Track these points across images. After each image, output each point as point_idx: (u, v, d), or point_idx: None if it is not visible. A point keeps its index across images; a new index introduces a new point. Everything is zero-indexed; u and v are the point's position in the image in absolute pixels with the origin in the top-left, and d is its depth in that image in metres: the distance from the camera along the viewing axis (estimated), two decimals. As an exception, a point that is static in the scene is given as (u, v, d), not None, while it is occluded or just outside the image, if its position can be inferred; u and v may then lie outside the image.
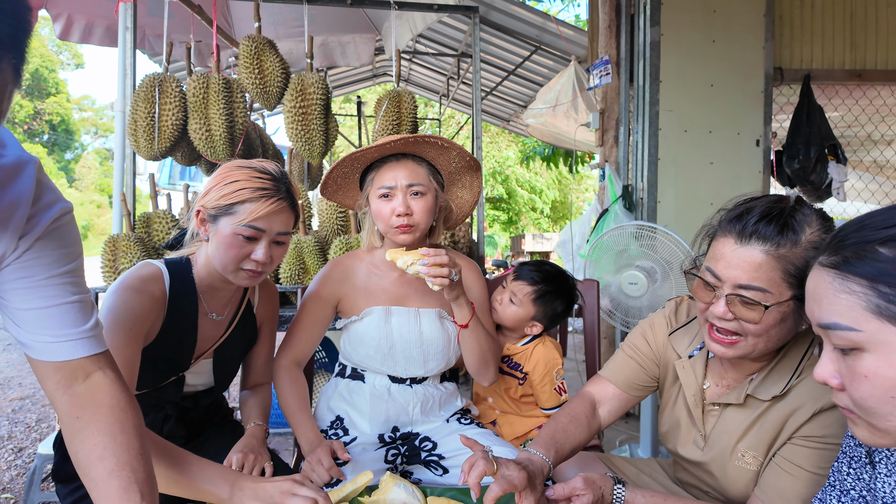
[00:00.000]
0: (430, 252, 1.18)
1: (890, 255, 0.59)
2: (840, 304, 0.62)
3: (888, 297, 0.58)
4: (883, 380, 0.59)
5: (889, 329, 0.58)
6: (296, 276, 2.09)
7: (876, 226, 0.62)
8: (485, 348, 1.36)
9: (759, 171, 3.34)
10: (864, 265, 0.61)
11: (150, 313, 1.16)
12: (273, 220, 1.18)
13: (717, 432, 1.07)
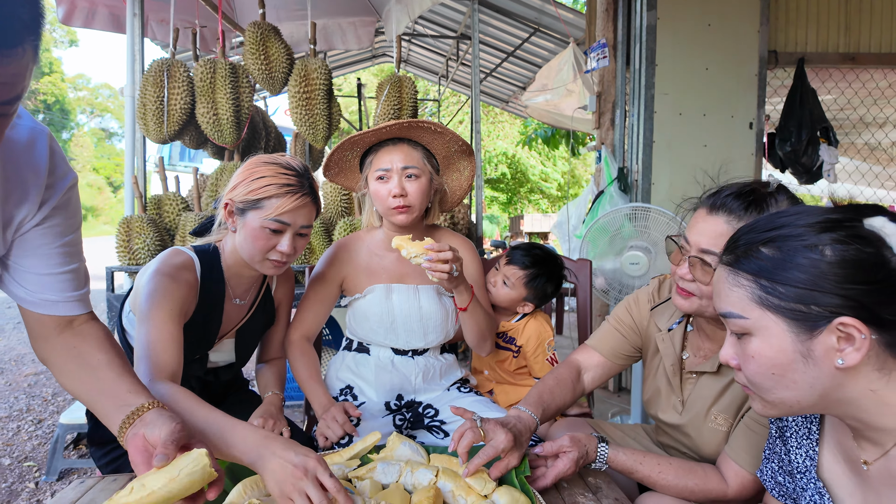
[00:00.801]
0: (434, 247, 1.24)
1: (769, 255, 0.69)
2: (732, 295, 0.72)
3: (767, 290, 0.68)
4: (765, 359, 0.69)
5: (769, 316, 0.68)
6: (303, 255, 2.19)
7: (760, 229, 0.71)
8: (483, 326, 1.46)
9: (752, 153, 3.41)
10: (750, 262, 0.70)
11: (187, 298, 1.24)
12: (297, 215, 1.26)
13: (694, 398, 1.18)
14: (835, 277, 0.64)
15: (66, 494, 1.09)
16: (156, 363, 1.11)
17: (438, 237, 1.60)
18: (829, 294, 0.64)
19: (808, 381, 0.68)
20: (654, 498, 1.08)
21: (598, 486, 1.07)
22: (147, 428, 0.83)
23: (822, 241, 0.66)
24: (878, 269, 0.64)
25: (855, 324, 0.63)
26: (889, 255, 0.65)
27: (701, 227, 1.05)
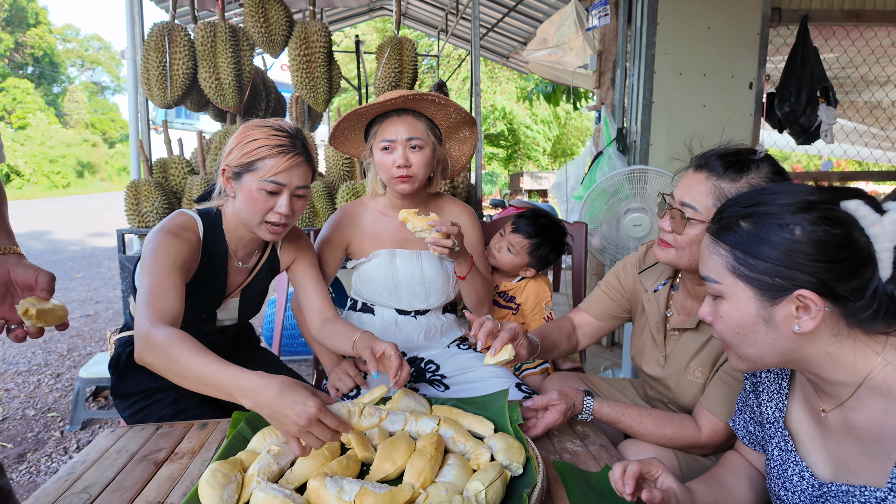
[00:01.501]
0: (437, 223, 1.30)
1: (746, 229, 0.76)
2: (712, 262, 0.80)
3: (740, 260, 0.76)
4: (731, 320, 0.78)
5: (738, 284, 0.76)
6: (307, 219, 2.25)
7: (742, 204, 0.78)
8: (481, 292, 1.55)
9: (751, 113, 3.43)
10: (729, 235, 0.77)
11: (188, 255, 1.28)
12: (292, 174, 1.28)
13: (675, 353, 1.28)
14: (800, 255, 0.71)
15: (99, 442, 1.20)
16: (155, 308, 1.12)
17: (441, 205, 1.66)
18: (792, 269, 0.71)
19: (769, 341, 0.76)
20: (635, 444, 1.20)
21: (585, 434, 1.18)
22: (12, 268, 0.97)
23: (795, 221, 0.72)
24: (841, 250, 0.70)
25: (812, 296, 0.71)
26: (859, 236, 0.70)
27: (684, 182, 1.13)
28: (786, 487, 0.85)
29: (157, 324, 1.08)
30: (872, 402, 0.73)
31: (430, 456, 0.97)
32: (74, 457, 2.02)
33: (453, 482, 0.92)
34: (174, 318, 1.13)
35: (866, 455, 0.74)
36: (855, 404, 0.75)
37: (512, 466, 0.98)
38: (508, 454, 1.00)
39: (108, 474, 1.06)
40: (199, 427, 1.26)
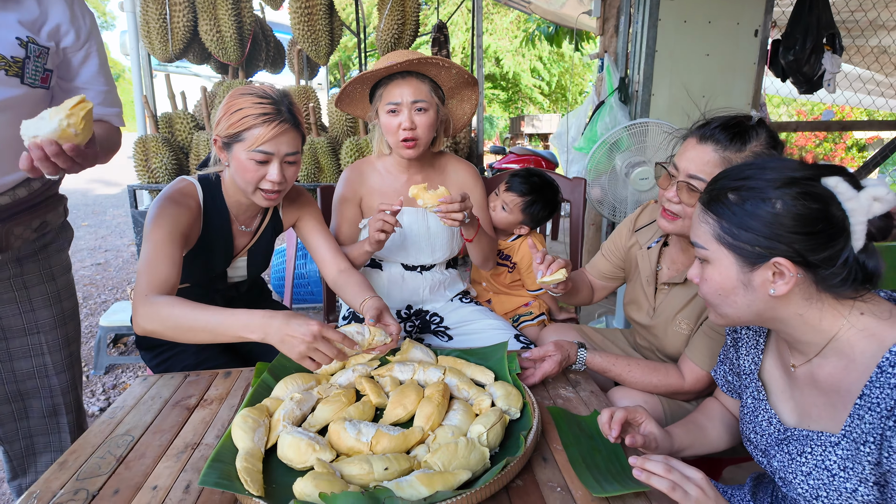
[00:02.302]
0: (447, 199, 1.34)
1: (733, 201, 0.82)
2: (700, 229, 0.87)
3: (725, 230, 0.83)
4: (714, 283, 0.86)
5: (722, 251, 0.84)
6: (311, 175, 2.30)
7: (731, 177, 0.84)
8: (486, 251, 1.63)
9: (754, 62, 3.39)
10: (718, 205, 0.84)
11: (187, 221, 1.32)
12: (280, 142, 1.28)
13: (663, 305, 1.37)
14: (779, 227, 0.78)
15: (133, 390, 1.32)
16: (151, 279, 1.19)
17: (444, 163, 1.72)
18: (771, 239, 0.78)
19: (746, 303, 0.84)
20: (623, 391, 1.31)
21: (577, 382, 1.29)
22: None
23: (778, 195, 0.78)
24: (817, 223, 0.77)
25: (786, 264, 0.78)
26: (835, 210, 0.76)
27: (690, 154, 1.17)
28: (755, 431, 0.95)
29: (151, 294, 1.17)
30: (835, 359, 0.82)
31: (437, 402, 1.08)
32: (113, 402, 2.17)
33: (458, 425, 1.04)
34: (170, 288, 1.21)
35: (826, 405, 0.83)
36: (821, 361, 0.84)
37: (510, 411, 1.09)
38: (507, 400, 1.11)
39: (147, 418, 1.18)
40: (223, 375, 1.37)
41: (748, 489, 1.07)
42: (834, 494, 0.79)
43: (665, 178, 1.24)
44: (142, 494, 0.93)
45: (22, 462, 1.44)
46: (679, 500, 0.81)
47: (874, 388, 0.75)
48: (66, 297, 1.44)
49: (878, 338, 0.77)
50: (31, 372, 1.38)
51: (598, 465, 0.96)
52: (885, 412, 0.73)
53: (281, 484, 0.92)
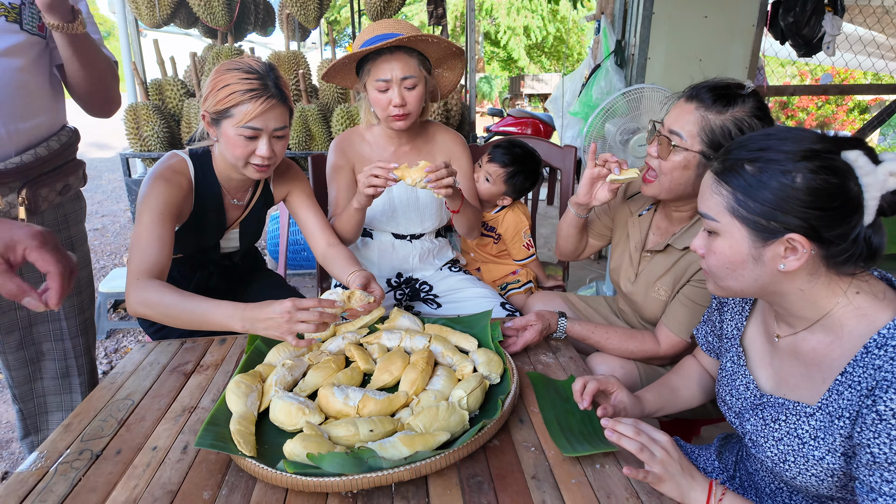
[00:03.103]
0: (432, 168, 1.35)
1: (750, 172, 0.80)
2: (712, 200, 0.85)
3: (740, 202, 0.80)
4: (724, 256, 0.85)
5: (735, 224, 0.82)
6: (303, 142, 2.30)
7: (749, 147, 0.81)
8: (472, 221, 1.65)
9: (753, 24, 3.33)
10: (733, 177, 0.81)
11: (178, 199, 1.35)
12: (268, 118, 1.29)
13: (645, 272, 1.42)
14: (797, 202, 0.76)
15: (132, 356, 1.37)
16: (142, 263, 1.23)
17: (432, 133, 1.73)
18: (788, 214, 0.77)
19: (754, 276, 0.84)
20: (601, 356, 1.37)
21: (557, 348, 1.35)
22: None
23: (797, 168, 0.75)
24: (835, 199, 0.75)
25: (801, 240, 0.77)
26: (853, 185, 0.75)
27: (675, 111, 1.20)
28: (731, 394, 0.99)
29: (142, 280, 1.21)
30: (822, 334, 0.83)
31: (422, 368, 1.13)
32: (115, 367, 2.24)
33: (441, 390, 1.09)
34: (160, 271, 1.25)
35: (805, 376, 0.85)
36: (806, 334, 0.85)
37: (491, 377, 1.15)
38: (489, 366, 1.16)
39: (146, 383, 1.24)
40: (218, 342, 1.42)
41: (714, 449, 1.13)
42: (801, 461, 0.82)
43: (653, 135, 1.26)
44: (142, 454, 0.99)
45: (35, 420, 1.53)
46: (646, 460, 0.86)
47: (857, 366, 0.76)
48: (83, 266, 1.52)
49: (870, 318, 0.78)
50: (48, 335, 1.47)
51: (571, 427, 1.02)
52: (864, 391, 0.74)
53: (272, 445, 0.98)
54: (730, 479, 1.06)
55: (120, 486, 0.91)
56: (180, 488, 0.90)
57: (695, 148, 1.16)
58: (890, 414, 0.69)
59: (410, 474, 0.88)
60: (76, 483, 0.92)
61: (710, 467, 1.10)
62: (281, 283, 1.76)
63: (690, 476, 0.86)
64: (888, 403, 0.69)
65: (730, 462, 1.09)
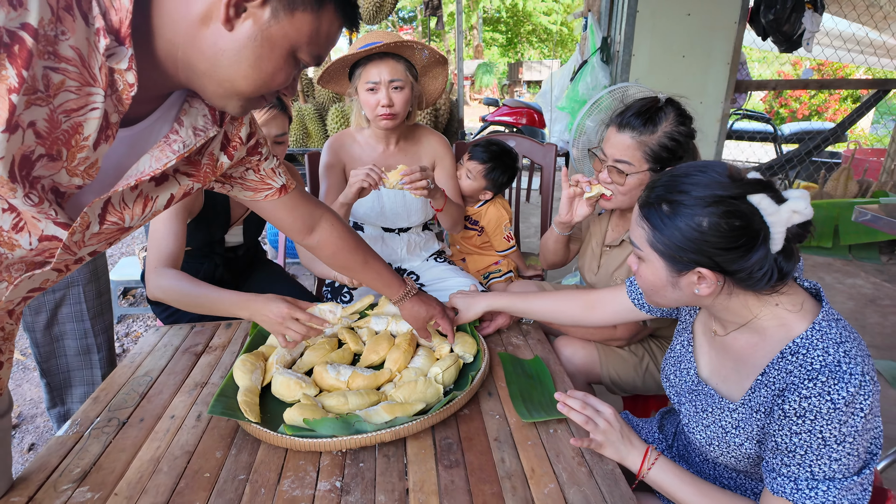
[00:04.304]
0: (407, 171, 1.52)
1: (665, 212, 0.89)
2: (637, 232, 0.96)
3: (656, 237, 0.91)
4: (646, 279, 0.97)
5: (653, 254, 0.93)
6: (300, 140, 2.44)
7: (667, 188, 0.90)
8: (455, 217, 1.81)
9: (735, 21, 3.44)
10: (652, 214, 0.92)
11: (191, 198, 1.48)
12: (270, 126, 1.43)
13: (605, 264, 1.57)
14: (703, 243, 0.85)
15: (147, 339, 1.53)
16: (160, 253, 1.38)
17: (419, 135, 1.87)
18: (695, 253, 0.87)
19: (675, 297, 0.96)
20: (565, 340, 1.53)
21: (527, 331, 1.51)
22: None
23: (704, 213, 0.84)
24: (738, 240, 0.84)
25: (708, 273, 0.87)
26: (758, 224, 0.83)
27: (613, 141, 1.34)
28: (676, 374, 1.12)
29: (161, 268, 1.37)
30: (749, 335, 0.95)
31: (404, 349, 1.30)
32: (127, 348, 2.43)
33: (420, 367, 1.25)
34: (175, 260, 1.41)
35: (733, 370, 0.98)
36: (737, 335, 0.97)
37: (465, 357, 1.31)
38: (463, 347, 1.32)
39: (161, 363, 1.40)
40: (225, 326, 1.58)
41: (656, 422, 1.29)
42: (724, 446, 0.96)
43: (597, 162, 1.41)
44: (162, 422, 1.15)
45: (60, 392, 1.71)
46: (590, 430, 1.01)
47: (773, 369, 0.88)
48: (99, 255, 1.67)
49: (787, 327, 0.88)
50: (70, 317, 1.66)
51: (531, 399, 1.19)
52: (776, 391, 0.86)
53: (274, 413, 1.14)
54: (668, 448, 1.22)
55: (145, 447, 1.08)
56: (196, 449, 1.07)
57: (643, 168, 1.32)
58: (792, 412, 0.81)
59: (391, 436, 1.04)
60: (108, 445, 1.08)
61: (652, 438, 1.25)
62: (281, 274, 1.91)
63: (630, 443, 1.02)
64: (791, 403, 0.81)
65: (669, 433, 1.24)
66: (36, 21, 0.53)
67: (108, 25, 0.60)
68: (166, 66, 0.68)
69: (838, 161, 5.15)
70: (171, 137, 0.77)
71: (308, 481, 0.97)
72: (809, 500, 0.81)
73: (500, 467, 1.00)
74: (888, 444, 1.98)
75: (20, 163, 0.59)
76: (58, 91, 0.58)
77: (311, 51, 0.72)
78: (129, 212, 0.78)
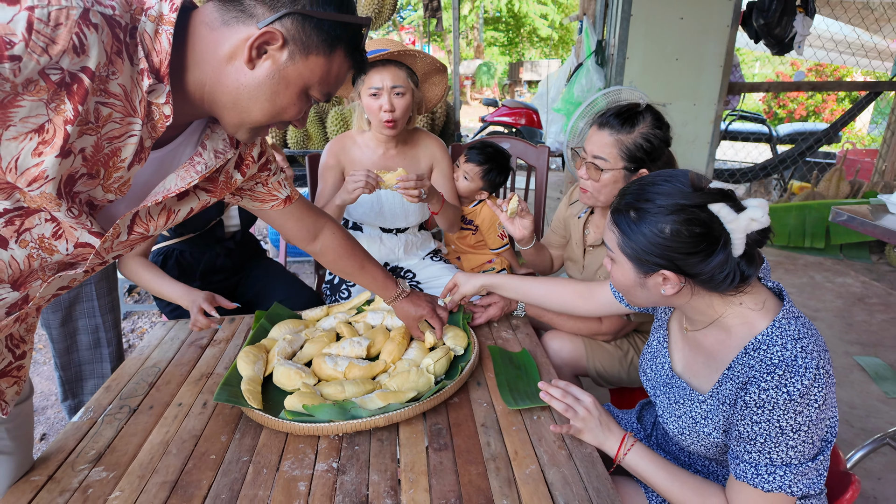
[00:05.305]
0: (403, 177, 1.61)
1: (632, 218, 0.96)
2: (609, 235, 1.03)
3: (624, 241, 0.97)
4: (617, 280, 1.04)
5: (622, 257, 0.99)
6: (301, 141, 2.52)
7: (635, 196, 0.96)
8: (451, 219, 1.89)
9: (728, 25, 3.52)
10: (621, 219, 0.98)
11: None
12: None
13: (589, 264, 1.64)
14: (665, 248, 0.92)
15: (155, 333, 1.61)
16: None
17: (417, 139, 1.95)
18: (658, 257, 0.93)
19: (644, 296, 1.03)
20: (552, 334, 1.60)
21: (517, 326, 1.58)
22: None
23: (666, 220, 0.91)
24: (698, 245, 0.90)
25: (671, 275, 0.94)
26: (718, 231, 0.89)
27: (593, 139, 1.43)
28: (652, 368, 1.19)
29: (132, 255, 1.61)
30: (716, 332, 1.01)
31: (398, 342, 1.37)
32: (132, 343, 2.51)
33: (413, 359, 1.33)
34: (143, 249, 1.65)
35: (703, 364, 1.05)
36: (707, 331, 1.03)
37: (456, 349, 1.39)
38: (454, 340, 1.40)
39: (169, 354, 1.47)
40: (228, 321, 1.66)
41: (636, 413, 1.36)
42: (694, 435, 1.03)
43: (579, 161, 1.49)
44: (171, 409, 1.23)
45: (73, 385, 1.80)
46: (570, 417, 1.09)
47: (738, 363, 0.94)
48: None
49: (750, 325, 0.95)
50: (83, 313, 1.76)
51: (517, 388, 1.26)
52: (740, 384, 0.92)
53: (275, 401, 1.22)
54: (647, 438, 1.29)
55: (155, 431, 1.15)
56: (202, 433, 1.14)
57: (618, 166, 1.40)
58: (753, 403, 0.88)
59: (385, 421, 1.12)
60: (120, 429, 1.16)
61: (631, 428, 1.32)
62: (281, 270, 1.99)
63: (608, 429, 1.09)
64: (752, 395, 0.88)
65: (648, 424, 1.31)
66: (94, 65, 0.62)
67: (151, 66, 0.69)
68: (194, 98, 0.78)
69: (832, 162, 5.22)
70: (195, 160, 0.86)
71: (307, 462, 1.05)
72: (768, 483, 0.88)
73: (485, 450, 1.07)
74: (867, 435, 2.05)
75: (66, 181, 0.67)
76: (105, 122, 0.67)
77: (322, 89, 0.82)
78: (154, 223, 0.87)
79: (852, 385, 2.47)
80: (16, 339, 0.91)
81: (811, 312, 3.19)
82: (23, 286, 0.78)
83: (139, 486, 1.00)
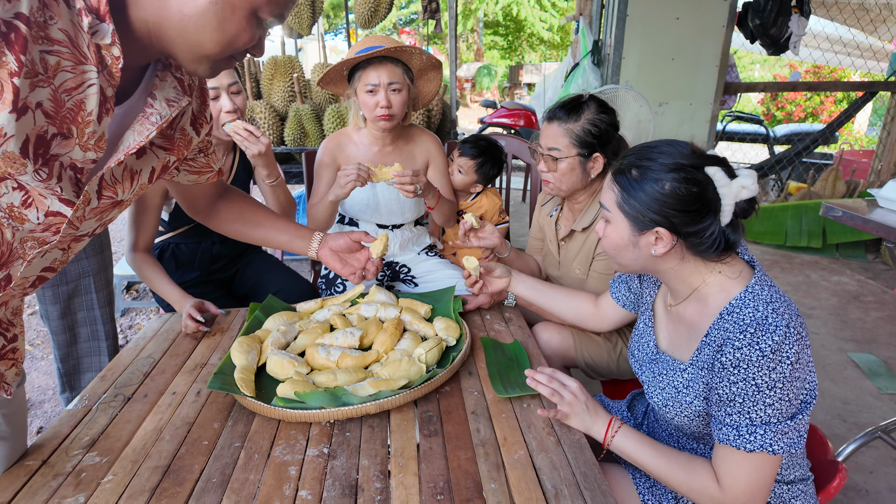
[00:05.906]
0: (399, 173, 1.63)
1: (633, 176, 1.00)
2: (607, 195, 1.07)
3: (624, 199, 1.01)
4: (611, 240, 1.08)
5: (619, 215, 1.03)
6: (298, 139, 2.53)
7: (637, 155, 1.01)
8: (447, 214, 1.90)
9: (723, 25, 3.54)
10: (622, 178, 1.02)
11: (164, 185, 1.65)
12: (222, 78, 1.62)
13: (564, 258, 1.66)
14: (662, 204, 0.96)
15: (151, 324, 1.62)
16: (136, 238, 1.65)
17: (413, 135, 1.96)
18: (655, 213, 0.97)
19: (634, 257, 1.05)
20: (542, 325, 1.62)
21: (509, 318, 1.60)
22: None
23: (666, 178, 0.95)
24: (693, 204, 0.94)
25: (665, 233, 0.97)
26: (711, 194, 0.94)
27: (546, 133, 1.51)
28: (639, 348, 1.21)
29: (137, 251, 1.66)
30: (695, 304, 1.04)
31: (391, 332, 1.38)
32: (130, 340, 2.53)
33: (406, 349, 1.34)
34: (147, 243, 1.69)
35: (685, 337, 1.07)
36: (686, 304, 1.07)
37: (448, 340, 1.40)
38: (447, 331, 1.41)
39: (164, 346, 1.49)
40: (223, 314, 1.67)
41: (626, 403, 1.37)
42: (677, 406, 1.05)
43: (538, 156, 1.55)
44: (164, 398, 1.24)
45: (71, 378, 1.81)
46: (557, 402, 1.10)
47: (714, 329, 0.97)
48: (107, 246, 1.84)
49: (727, 292, 0.98)
50: (82, 306, 1.78)
51: (508, 377, 1.27)
52: (716, 347, 0.95)
53: (268, 390, 1.23)
54: (637, 426, 1.31)
55: (149, 419, 1.17)
56: (195, 420, 1.16)
57: (572, 153, 1.47)
58: (728, 363, 0.91)
59: (376, 408, 1.13)
60: (114, 417, 1.17)
61: (622, 416, 1.34)
62: (277, 264, 2.00)
63: (595, 413, 1.11)
64: (727, 356, 0.91)
65: (639, 413, 1.33)
66: (27, 10, 0.60)
67: (88, 5, 0.67)
68: (142, 37, 0.75)
69: (829, 162, 5.24)
70: (148, 111, 0.83)
71: (298, 448, 1.06)
72: (749, 443, 0.90)
73: (475, 436, 1.08)
74: (860, 429, 2.06)
75: (36, 142, 0.67)
76: (56, 72, 0.66)
77: (271, 10, 0.75)
78: (121, 186, 0.85)
79: (846, 381, 2.48)
80: (4, 323, 0.92)
81: (807, 310, 3.20)
82: (3, 266, 0.79)
83: (132, 470, 1.01)
